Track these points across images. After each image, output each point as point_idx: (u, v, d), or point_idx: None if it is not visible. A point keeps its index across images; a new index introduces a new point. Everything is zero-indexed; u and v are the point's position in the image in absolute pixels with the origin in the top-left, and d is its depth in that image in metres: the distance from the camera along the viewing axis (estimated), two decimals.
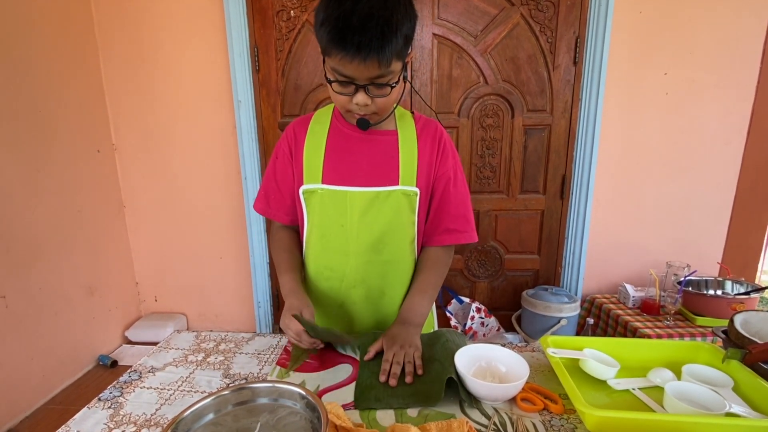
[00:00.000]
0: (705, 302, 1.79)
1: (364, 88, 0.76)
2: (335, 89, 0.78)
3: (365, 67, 0.72)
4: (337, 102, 0.83)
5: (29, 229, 1.84)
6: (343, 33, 0.69)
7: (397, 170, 0.88)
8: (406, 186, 0.88)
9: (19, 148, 1.80)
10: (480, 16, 2.03)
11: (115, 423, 0.65)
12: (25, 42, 1.82)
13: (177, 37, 2.13)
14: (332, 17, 0.70)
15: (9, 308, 1.75)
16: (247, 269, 2.39)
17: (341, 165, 0.89)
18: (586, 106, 2.07)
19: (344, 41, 0.70)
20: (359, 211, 0.88)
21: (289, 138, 0.93)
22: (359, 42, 0.69)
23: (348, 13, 0.69)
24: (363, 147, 0.89)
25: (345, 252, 0.91)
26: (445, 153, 0.92)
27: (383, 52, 0.71)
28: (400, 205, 0.89)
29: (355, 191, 0.87)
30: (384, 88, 0.77)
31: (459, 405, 0.70)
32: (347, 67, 0.73)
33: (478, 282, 2.39)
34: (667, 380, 0.72)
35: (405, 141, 0.90)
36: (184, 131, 2.25)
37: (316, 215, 0.91)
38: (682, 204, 2.17)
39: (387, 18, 0.70)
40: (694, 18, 1.95)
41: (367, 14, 0.69)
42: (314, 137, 0.91)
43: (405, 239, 0.93)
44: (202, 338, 0.92)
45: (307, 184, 0.89)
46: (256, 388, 0.57)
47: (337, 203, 0.88)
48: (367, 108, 0.79)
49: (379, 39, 0.70)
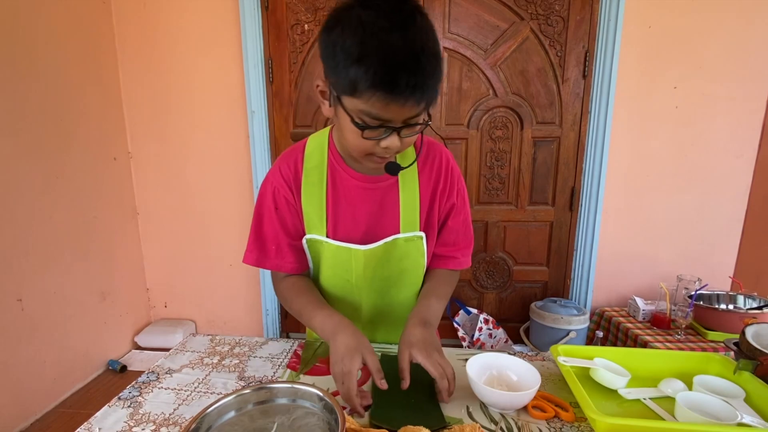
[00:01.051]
0: (716, 316, 1.77)
1: (398, 131, 0.66)
2: (366, 135, 0.66)
3: (410, 108, 0.62)
4: (357, 149, 0.70)
5: (46, 234, 1.89)
6: (396, 72, 0.58)
7: (397, 218, 0.84)
8: (408, 233, 0.84)
9: (40, 155, 1.85)
10: (490, 30, 2.07)
11: (135, 421, 0.67)
12: (48, 53, 1.88)
13: (194, 49, 2.19)
14: (376, 53, 0.58)
15: (25, 311, 1.79)
16: (256, 277, 2.41)
17: (345, 218, 0.83)
18: (596, 119, 2.09)
19: (395, 82, 0.58)
20: (364, 265, 0.85)
21: (286, 181, 0.83)
22: (414, 83, 0.59)
23: (398, 48, 0.58)
24: (364, 197, 0.83)
25: (352, 300, 0.91)
26: (451, 184, 0.87)
27: (434, 90, 0.62)
28: (406, 251, 0.86)
29: (359, 249, 0.83)
30: (414, 128, 0.67)
31: (466, 410, 0.71)
32: (387, 110, 0.62)
33: (486, 293, 2.38)
34: (678, 391, 0.72)
35: (405, 185, 0.83)
36: (198, 140, 2.30)
37: (323, 263, 0.88)
38: (692, 217, 2.16)
39: (436, 51, 0.61)
40: (704, 32, 1.97)
41: (420, 49, 0.59)
42: (311, 184, 0.82)
43: (414, 278, 0.90)
44: (217, 342, 0.94)
45: (311, 234, 0.84)
46: (275, 388, 0.58)
47: (342, 260, 0.85)
48: (396, 150, 0.69)
49: (431, 76, 0.61)
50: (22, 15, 1.76)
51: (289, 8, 2.12)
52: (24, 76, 1.77)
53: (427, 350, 0.71)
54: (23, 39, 1.77)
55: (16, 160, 1.75)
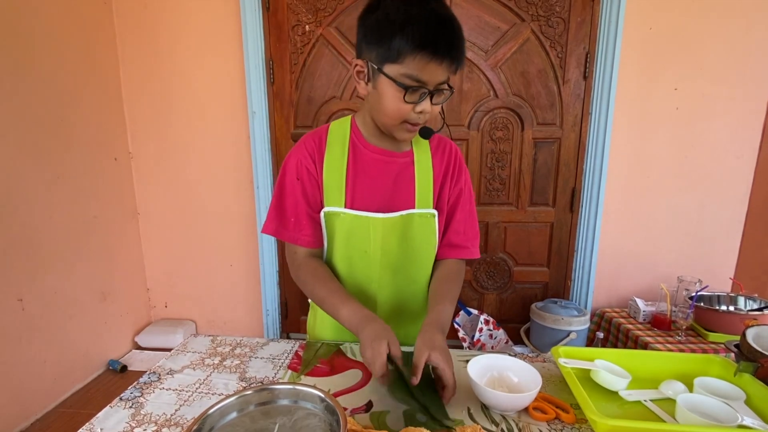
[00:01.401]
0: (717, 318, 1.77)
1: (431, 95, 0.76)
2: (408, 99, 0.75)
3: (443, 69, 0.73)
4: (395, 111, 0.77)
5: (47, 233, 1.89)
6: (436, 34, 0.69)
7: (413, 193, 0.88)
8: (422, 209, 0.88)
9: (40, 155, 1.85)
10: (491, 31, 2.07)
11: (136, 422, 0.67)
12: (49, 53, 1.88)
13: (195, 50, 2.20)
14: (421, 16, 0.69)
15: (25, 311, 1.79)
16: (257, 277, 2.42)
17: (363, 189, 0.87)
18: (596, 120, 2.09)
19: (436, 42, 0.69)
20: (381, 236, 0.88)
21: (309, 158, 0.87)
22: (450, 43, 0.71)
23: (436, 14, 0.70)
24: (382, 170, 0.88)
25: (369, 276, 0.92)
26: (459, 173, 0.92)
27: (463, 53, 0.74)
28: (421, 228, 0.89)
29: (377, 217, 0.86)
30: (443, 94, 0.78)
31: (467, 411, 0.71)
32: (426, 70, 0.72)
33: (486, 294, 2.39)
34: (678, 392, 0.72)
35: (420, 163, 0.90)
36: (199, 141, 2.30)
37: (340, 237, 0.89)
38: (693, 218, 2.16)
39: (459, 24, 0.74)
40: (704, 33, 1.97)
41: (451, 16, 0.72)
42: (334, 158, 0.87)
43: (426, 260, 0.93)
44: (218, 342, 0.94)
45: (329, 206, 0.87)
46: (276, 389, 0.58)
47: (360, 229, 0.87)
48: (425, 116, 0.79)
49: (461, 40, 0.73)
50: (23, 15, 1.76)
51: (290, 9, 2.12)
52: (25, 77, 1.77)
53: (446, 358, 0.72)
54: (24, 39, 1.77)
55: (16, 160, 1.75)
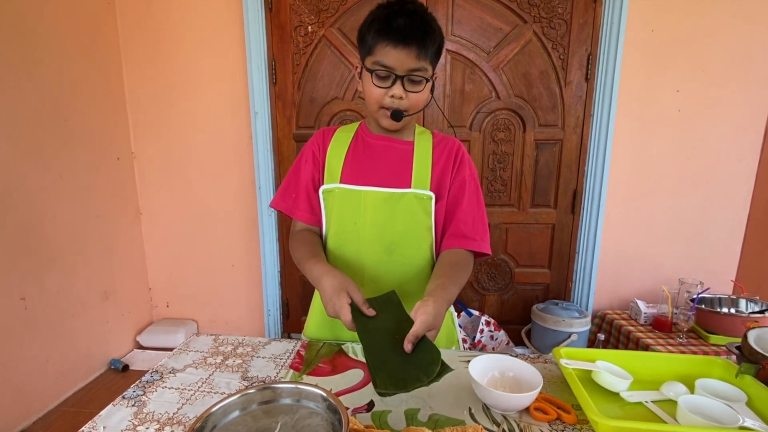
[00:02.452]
0: (718, 320, 1.77)
1: (401, 80, 0.83)
2: (375, 82, 0.84)
3: (406, 55, 0.81)
4: (372, 98, 0.87)
5: (50, 232, 1.89)
6: (391, 23, 0.81)
7: (410, 174, 0.92)
8: (419, 189, 0.91)
9: (44, 155, 1.86)
10: (493, 32, 2.07)
11: (139, 420, 0.67)
12: (52, 53, 1.89)
13: (197, 50, 2.20)
14: (380, 15, 0.83)
15: (28, 310, 1.79)
16: (259, 277, 2.42)
17: (359, 167, 0.94)
18: (598, 122, 2.09)
19: (391, 29, 0.80)
20: (372, 210, 0.91)
21: (317, 143, 0.99)
22: (404, 30, 0.80)
23: (396, 10, 0.82)
24: (380, 153, 0.95)
25: (357, 250, 0.94)
26: (461, 163, 0.95)
27: (423, 43, 0.81)
28: (414, 208, 0.91)
29: (369, 190, 0.91)
30: (418, 84, 0.85)
31: (468, 411, 0.72)
32: (389, 56, 0.81)
33: (487, 295, 2.39)
34: (680, 394, 0.72)
35: (420, 150, 0.95)
36: (201, 141, 2.31)
37: (333, 213, 0.95)
38: (694, 220, 2.16)
39: (428, 19, 0.83)
40: (707, 35, 1.97)
41: (412, 12, 0.82)
42: (338, 143, 0.97)
43: (421, 243, 0.94)
44: (220, 342, 0.94)
45: (327, 184, 0.94)
46: (279, 388, 0.59)
47: (351, 201, 0.92)
48: (401, 102, 0.85)
49: (421, 30, 0.81)
50: (26, 15, 1.77)
51: (292, 10, 2.12)
52: (28, 76, 1.78)
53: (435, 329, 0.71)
54: (28, 39, 1.78)
55: (20, 159, 1.76)
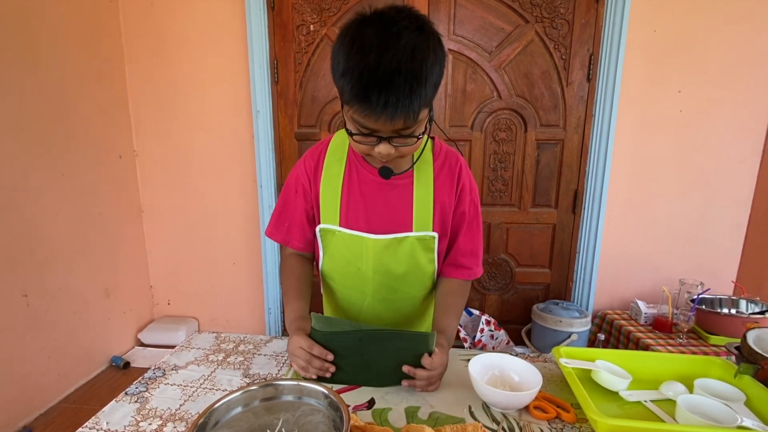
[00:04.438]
0: (719, 321, 1.77)
1: (388, 140, 0.71)
2: (356, 139, 0.73)
3: (392, 123, 0.67)
4: (357, 149, 0.77)
5: (52, 230, 1.90)
6: (368, 89, 0.63)
7: (411, 217, 0.86)
8: (421, 232, 0.87)
9: (46, 153, 1.87)
10: (495, 32, 2.07)
11: (141, 416, 0.68)
12: (55, 51, 1.90)
13: (200, 49, 2.21)
14: (356, 70, 0.64)
15: (30, 306, 1.80)
16: (259, 276, 2.43)
17: (358, 209, 0.87)
18: (600, 122, 2.09)
19: (369, 98, 0.64)
20: (375, 256, 0.88)
21: (307, 175, 0.90)
22: (386, 101, 0.63)
23: (373, 67, 0.63)
24: (379, 191, 0.87)
25: (361, 291, 0.93)
26: (462, 192, 0.89)
27: (411, 108, 0.65)
28: (416, 249, 0.88)
29: (371, 238, 0.86)
30: (409, 139, 0.72)
31: (468, 409, 0.72)
32: (368, 121, 0.68)
33: (488, 294, 2.39)
34: (679, 393, 0.73)
35: (420, 186, 0.87)
36: (203, 139, 2.32)
37: (333, 255, 0.92)
38: (695, 221, 2.16)
39: (416, 71, 0.64)
40: (709, 36, 1.97)
41: (395, 69, 0.63)
42: (330, 176, 0.88)
43: (423, 277, 0.93)
44: (222, 339, 0.95)
45: (325, 223, 0.89)
46: (281, 385, 0.59)
47: (353, 247, 0.88)
48: (390, 155, 0.74)
49: (407, 96, 0.64)
50: (29, 13, 1.77)
51: (294, 9, 2.13)
52: (31, 74, 1.79)
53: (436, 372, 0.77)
54: (30, 37, 1.78)
55: (22, 157, 1.76)
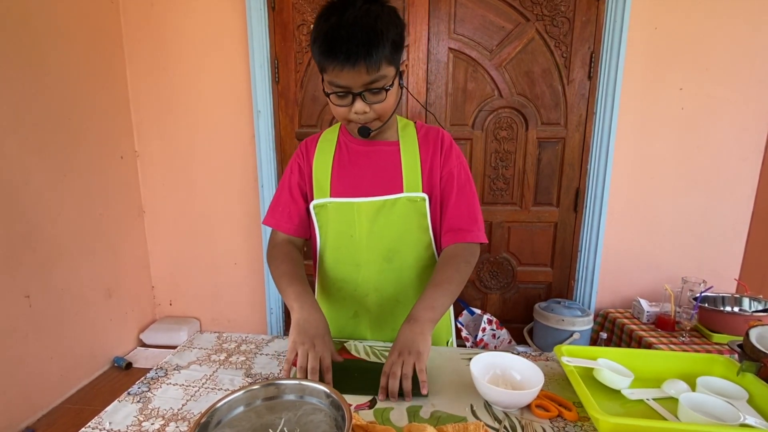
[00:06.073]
0: (721, 319, 1.77)
1: (361, 96, 0.80)
2: (334, 101, 0.82)
3: (356, 73, 0.76)
4: (338, 115, 0.86)
5: (53, 231, 1.91)
6: (332, 44, 0.75)
7: (400, 178, 0.90)
8: (411, 192, 0.90)
9: (48, 154, 1.87)
10: (495, 31, 2.07)
11: (144, 416, 0.68)
12: (56, 52, 1.90)
13: (201, 50, 2.21)
14: (322, 32, 0.76)
15: (32, 307, 1.81)
16: (261, 276, 2.43)
17: (347, 178, 0.92)
18: (601, 120, 2.09)
19: (333, 51, 0.75)
20: (367, 221, 0.90)
21: (301, 155, 0.97)
22: (347, 50, 0.74)
23: (335, 26, 0.75)
24: (367, 159, 0.93)
25: (356, 262, 0.93)
26: (448, 154, 0.93)
27: (370, 57, 0.75)
28: (408, 212, 0.91)
29: (361, 201, 0.90)
30: (379, 94, 0.81)
31: (470, 408, 0.72)
32: (340, 77, 0.78)
33: (489, 293, 2.39)
34: (681, 391, 0.73)
35: (406, 149, 0.92)
36: (204, 139, 2.32)
37: (327, 228, 0.94)
38: (698, 219, 2.15)
39: (371, 26, 0.75)
40: (710, 34, 1.96)
41: (353, 24, 0.75)
42: (322, 154, 0.95)
43: (419, 245, 0.94)
44: (224, 339, 0.95)
45: (317, 198, 0.93)
46: (283, 384, 0.59)
47: (345, 215, 0.91)
48: (367, 116, 0.83)
49: (365, 45, 0.75)
50: (31, 14, 1.78)
51: (295, 8, 2.13)
52: (33, 75, 1.79)
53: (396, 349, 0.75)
54: (32, 38, 1.79)
55: (24, 157, 1.77)
